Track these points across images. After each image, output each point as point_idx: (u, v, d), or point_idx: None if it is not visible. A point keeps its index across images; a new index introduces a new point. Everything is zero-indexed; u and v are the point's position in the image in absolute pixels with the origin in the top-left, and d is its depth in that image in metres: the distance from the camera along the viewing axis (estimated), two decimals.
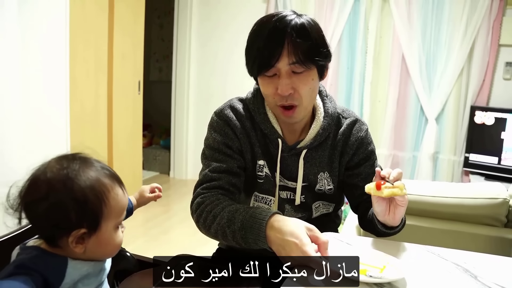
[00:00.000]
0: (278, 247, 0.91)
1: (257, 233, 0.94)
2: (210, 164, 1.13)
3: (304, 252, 0.86)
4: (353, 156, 1.19)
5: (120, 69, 3.34)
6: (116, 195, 0.81)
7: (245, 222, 0.96)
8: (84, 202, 0.76)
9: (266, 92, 1.06)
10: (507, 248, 1.57)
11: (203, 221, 1.05)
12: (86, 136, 3.02)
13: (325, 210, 1.22)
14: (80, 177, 0.77)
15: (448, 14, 3.30)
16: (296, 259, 0.88)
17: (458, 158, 3.45)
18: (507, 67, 3.23)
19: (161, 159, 4.78)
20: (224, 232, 1.00)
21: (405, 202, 0.99)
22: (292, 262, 0.89)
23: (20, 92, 2.35)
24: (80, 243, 0.78)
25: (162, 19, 5.38)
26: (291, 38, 0.99)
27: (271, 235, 0.92)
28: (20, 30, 2.30)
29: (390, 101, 3.60)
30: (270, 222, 0.93)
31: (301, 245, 0.87)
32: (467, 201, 1.64)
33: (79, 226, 0.77)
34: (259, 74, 1.05)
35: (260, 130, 1.15)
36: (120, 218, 0.84)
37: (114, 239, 0.83)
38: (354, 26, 3.65)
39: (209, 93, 4.32)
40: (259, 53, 1.02)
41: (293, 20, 1.01)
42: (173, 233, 3.10)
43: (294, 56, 1.00)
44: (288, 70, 1.01)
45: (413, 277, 0.89)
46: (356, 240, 1.08)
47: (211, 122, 1.18)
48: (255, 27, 1.07)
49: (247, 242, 0.97)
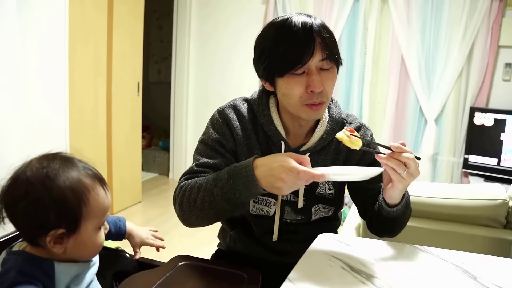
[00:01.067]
0: (268, 178, 0.93)
1: (245, 176, 0.95)
2: (199, 159, 1.12)
3: (291, 168, 0.89)
4: (359, 161, 1.19)
5: (119, 70, 3.34)
6: (97, 195, 0.81)
7: (231, 172, 0.98)
8: (63, 202, 0.76)
9: (294, 92, 1.03)
10: (506, 249, 1.57)
11: (187, 198, 1.04)
12: (85, 137, 3.02)
13: (324, 213, 1.22)
14: (60, 177, 0.77)
15: (447, 15, 3.30)
16: (287, 181, 0.90)
17: (457, 159, 3.45)
18: (507, 68, 3.23)
19: (160, 161, 4.78)
20: (211, 194, 0.99)
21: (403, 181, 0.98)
22: (285, 189, 0.92)
23: (19, 93, 2.35)
24: (59, 243, 0.78)
25: (161, 20, 5.38)
26: (320, 34, 1.00)
27: (259, 173, 0.94)
28: (19, 31, 2.30)
29: (389, 103, 3.60)
30: (255, 163, 0.96)
31: (287, 164, 0.90)
32: (467, 202, 1.64)
33: (57, 226, 0.76)
34: (285, 74, 1.02)
35: (263, 132, 1.15)
36: (102, 219, 0.83)
37: (94, 240, 0.82)
38: (353, 27, 3.65)
39: (208, 95, 4.32)
40: (288, 52, 1.00)
41: (311, 17, 1.03)
42: (172, 235, 3.09)
43: (324, 52, 1.00)
44: (317, 67, 1.02)
45: (413, 278, 0.89)
46: (355, 241, 1.08)
47: (212, 118, 1.17)
48: (272, 30, 1.04)
49: (237, 190, 0.96)
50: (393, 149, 0.96)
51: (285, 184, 0.91)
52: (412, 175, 0.97)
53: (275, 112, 1.15)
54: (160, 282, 0.90)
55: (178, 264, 0.98)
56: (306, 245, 1.04)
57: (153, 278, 0.91)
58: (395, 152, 0.96)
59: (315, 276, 0.87)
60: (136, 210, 3.59)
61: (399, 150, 0.96)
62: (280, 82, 1.05)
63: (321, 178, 0.90)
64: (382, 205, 1.09)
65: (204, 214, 1.03)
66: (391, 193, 1.04)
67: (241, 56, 4.09)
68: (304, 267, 0.90)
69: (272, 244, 1.20)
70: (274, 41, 1.02)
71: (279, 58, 1.01)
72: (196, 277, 0.96)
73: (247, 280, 0.93)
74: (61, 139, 2.68)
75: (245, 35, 4.05)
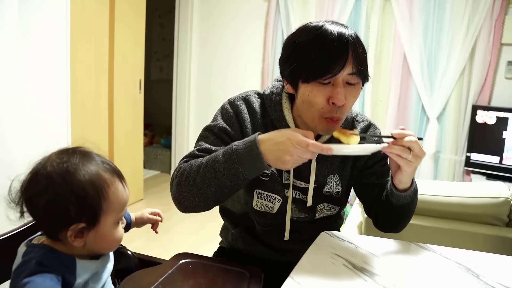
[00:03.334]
0: (274, 152, 0.92)
1: (249, 150, 0.94)
2: (202, 144, 1.11)
3: (299, 141, 0.89)
4: (368, 160, 1.20)
5: (121, 68, 3.34)
6: (116, 189, 0.81)
7: (234, 147, 0.96)
8: (83, 197, 0.76)
9: (316, 100, 1.01)
10: (508, 247, 1.56)
11: (186, 177, 1.01)
12: (87, 135, 3.02)
13: (328, 212, 1.22)
14: (80, 171, 0.77)
15: (449, 13, 3.29)
16: (294, 155, 0.90)
17: (459, 157, 3.44)
18: (509, 66, 3.22)
19: (162, 158, 4.78)
20: (214, 170, 0.97)
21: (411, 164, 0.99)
22: (291, 163, 0.91)
23: (21, 90, 2.35)
24: (79, 237, 0.78)
25: (163, 18, 5.38)
26: (355, 48, 0.99)
27: (264, 148, 0.93)
28: (20, 28, 2.30)
29: (391, 101, 3.59)
30: (259, 138, 0.95)
31: (295, 138, 0.90)
32: (469, 200, 1.64)
33: (78, 220, 0.77)
34: (312, 81, 1.00)
35: (273, 127, 1.13)
36: (121, 213, 0.83)
37: (113, 234, 0.82)
38: (356, 25, 3.63)
39: (210, 92, 4.32)
40: (320, 59, 0.98)
41: (347, 28, 1.01)
42: (174, 232, 3.10)
43: (355, 66, 0.99)
44: (344, 80, 1.00)
45: (415, 275, 0.89)
46: (357, 239, 1.08)
47: (222, 108, 1.17)
48: (307, 34, 1.02)
49: (241, 164, 0.95)
50: (394, 135, 0.97)
51: (292, 158, 0.90)
52: (418, 156, 0.98)
53: (287, 108, 1.14)
54: (162, 279, 0.90)
55: (180, 261, 0.98)
56: (308, 243, 1.04)
57: (155, 275, 0.91)
58: (397, 138, 0.97)
59: (318, 274, 0.87)
60: (138, 207, 3.59)
61: (401, 136, 0.97)
62: (304, 88, 1.03)
63: (328, 151, 0.89)
64: (392, 191, 1.09)
65: (203, 193, 1.00)
66: (401, 178, 1.04)
67: (243, 53, 4.09)
68: (307, 264, 0.90)
69: (274, 242, 1.20)
70: (306, 45, 1.00)
71: (309, 64, 0.99)
72: (198, 275, 0.96)
73: (249, 277, 0.93)
74: (63, 136, 2.68)
75: (247, 32, 4.05)
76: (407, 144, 0.96)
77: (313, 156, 0.92)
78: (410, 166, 0.99)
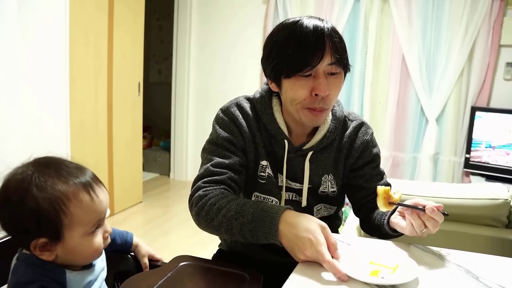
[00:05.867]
0: (291, 242, 0.91)
1: (268, 226, 0.93)
2: (212, 159, 1.11)
3: (318, 251, 0.86)
4: (357, 159, 1.20)
5: (120, 71, 3.34)
6: (80, 202, 0.76)
7: (256, 215, 0.95)
8: (38, 212, 0.72)
9: (298, 94, 1.03)
10: (508, 249, 1.56)
11: (206, 213, 1.02)
12: (86, 137, 3.02)
13: (326, 213, 1.22)
14: (34, 186, 0.73)
15: (448, 15, 3.30)
16: (309, 256, 0.88)
17: (458, 159, 3.45)
18: (508, 67, 3.23)
19: (161, 161, 4.78)
20: (230, 224, 0.98)
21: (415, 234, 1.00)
22: (303, 259, 0.90)
23: (19, 93, 2.35)
24: (47, 250, 0.75)
25: (162, 21, 5.38)
26: (331, 38, 1.00)
27: (284, 230, 0.92)
28: (19, 30, 2.30)
29: (390, 102, 3.59)
30: (283, 216, 0.93)
31: (316, 244, 0.87)
32: (468, 202, 1.64)
33: (37, 235, 0.74)
34: (293, 75, 1.02)
35: (266, 131, 1.15)
36: (90, 224, 0.78)
37: (87, 245, 0.78)
38: (354, 27, 3.64)
39: (209, 95, 4.32)
40: (297, 53, 0.99)
41: (323, 21, 1.02)
42: (173, 235, 3.09)
43: (334, 56, 1.00)
44: (325, 71, 1.01)
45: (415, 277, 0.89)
46: (356, 241, 1.08)
47: (217, 118, 1.17)
48: (283, 31, 1.04)
49: (255, 235, 0.95)
50: (426, 211, 0.95)
51: (306, 258, 0.89)
52: (431, 232, 0.98)
53: (278, 111, 1.14)
54: (161, 282, 0.89)
55: (179, 264, 0.98)
56: None
57: (155, 278, 0.91)
58: (425, 214, 0.96)
59: (317, 276, 0.87)
60: (137, 210, 3.59)
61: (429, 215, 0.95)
62: (286, 83, 1.04)
63: (343, 278, 0.83)
64: (384, 225, 1.10)
65: (219, 233, 1.04)
66: (404, 231, 1.03)
67: (242, 56, 4.09)
68: (306, 267, 0.90)
69: (273, 244, 1.20)
70: (284, 41, 1.02)
71: (287, 59, 1.00)
72: (197, 277, 0.96)
73: (249, 280, 0.92)
74: (62, 139, 2.68)
75: (245, 35, 4.05)
76: (427, 224, 0.96)
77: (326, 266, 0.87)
78: (413, 234, 1.00)
